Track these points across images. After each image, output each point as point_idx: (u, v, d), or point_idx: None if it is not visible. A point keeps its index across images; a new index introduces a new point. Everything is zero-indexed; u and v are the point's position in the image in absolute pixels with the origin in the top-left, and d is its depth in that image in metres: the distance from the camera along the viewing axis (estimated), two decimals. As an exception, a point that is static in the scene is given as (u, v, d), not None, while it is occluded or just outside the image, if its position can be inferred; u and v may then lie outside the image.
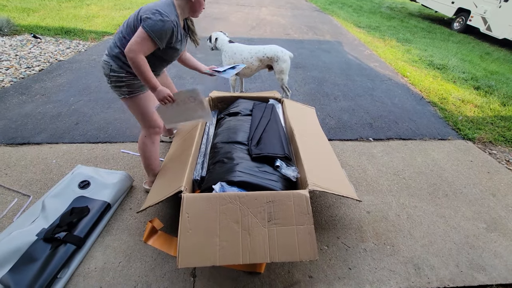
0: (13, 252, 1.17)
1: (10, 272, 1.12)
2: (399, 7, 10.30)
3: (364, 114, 2.70)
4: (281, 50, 2.45)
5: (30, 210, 1.43)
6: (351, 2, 10.28)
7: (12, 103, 2.45)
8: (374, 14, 8.38)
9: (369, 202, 1.68)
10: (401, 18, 8.03)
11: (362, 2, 10.52)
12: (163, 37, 1.28)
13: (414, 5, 10.72)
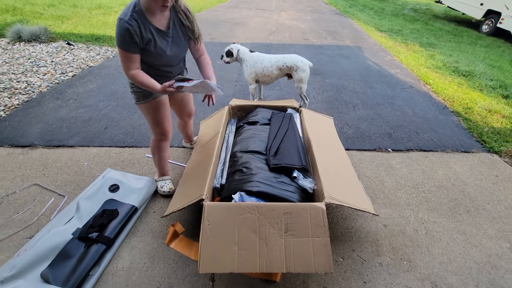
0: (52, 249, 1.30)
1: (49, 267, 1.24)
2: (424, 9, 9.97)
3: (383, 123, 2.67)
4: (301, 60, 2.48)
5: (65, 210, 1.56)
6: (372, 4, 10.08)
7: (49, 107, 2.66)
8: (396, 16, 8.18)
9: (386, 215, 1.68)
10: (425, 21, 7.78)
11: (384, 4, 10.29)
12: (125, 42, 1.21)
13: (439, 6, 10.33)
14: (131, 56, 1.27)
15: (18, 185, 1.79)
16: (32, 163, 1.98)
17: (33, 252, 1.26)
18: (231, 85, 3.32)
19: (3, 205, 1.65)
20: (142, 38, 1.25)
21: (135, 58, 1.29)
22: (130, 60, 1.27)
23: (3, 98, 2.76)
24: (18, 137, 2.23)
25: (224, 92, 3.14)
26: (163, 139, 1.64)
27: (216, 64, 3.88)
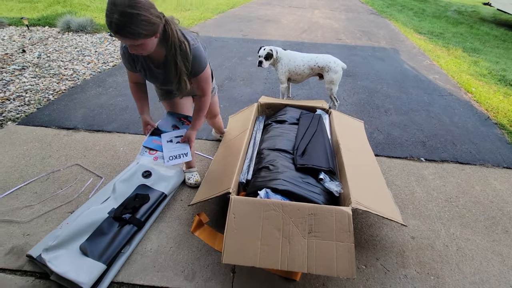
0: (90, 225, 1.41)
1: (87, 241, 1.35)
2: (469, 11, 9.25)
3: (417, 131, 2.55)
4: (333, 61, 2.43)
5: (103, 190, 1.68)
6: (412, 4, 9.55)
7: (91, 94, 2.86)
8: (438, 18, 7.68)
9: (414, 227, 1.61)
10: (470, 24, 7.23)
11: (425, 5, 9.70)
12: (123, 60, 1.33)
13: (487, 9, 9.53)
14: (128, 72, 1.38)
15: (62, 163, 1.96)
16: (74, 144, 2.15)
17: (73, 226, 1.38)
18: (260, 82, 3.34)
19: (49, 181, 1.81)
20: (135, 65, 1.30)
21: (130, 74, 1.39)
22: (128, 74, 1.39)
23: (53, 83, 3.02)
24: (64, 120, 2.43)
25: (253, 89, 3.17)
26: None
27: (247, 61, 3.93)
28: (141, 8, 0.98)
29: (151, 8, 1.03)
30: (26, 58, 3.54)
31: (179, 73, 1.22)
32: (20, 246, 1.41)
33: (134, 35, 1.01)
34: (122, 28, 0.98)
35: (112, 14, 0.96)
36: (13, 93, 2.79)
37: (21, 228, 1.50)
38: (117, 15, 0.96)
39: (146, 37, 1.04)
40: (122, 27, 0.98)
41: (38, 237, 1.45)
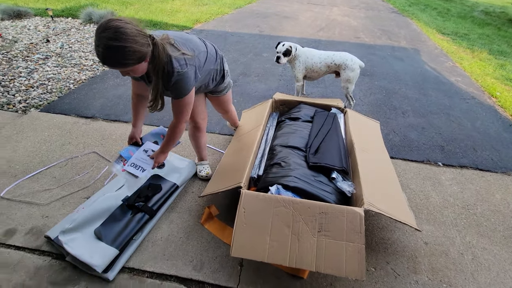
0: (104, 211, 1.45)
1: (101, 226, 1.40)
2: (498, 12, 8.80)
3: (436, 134, 2.46)
4: (350, 58, 2.38)
5: (117, 178, 1.72)
6: (436, 3, 9.18)
7: (109, 85, 2.93)
8: (463, 19, 7.36)
9: (428, 232, 1.57)
10: (498, 25, 6.88)
11: (450, 4, 9.30)
12: None
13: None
14: (132, 81, 1.40)
15: (80, 150, 2.03)
16: (92, 133, 2.21)
17: (89, 211, 1.43)
18: (275, 79, 3.32)
19: (67, 167, 1.88)
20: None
21: (134, 83, 1.41)
22: (132, 83, 1.42)
23: (74, 72, 3.11)
24: (83, 109, 2.50)
25: (267, 85, 3.16)
26: (196, 129, 1.70)
27: (263, 57, 3.91)
28: (125, 40, 0.97)
29: (137, 37, 1.00)
30: (49, 48, 3.67)
31: (156, 92, 1.20)
32: (39, 227, 1.48)
33: (121, 65, 1.02)
34: (107, 60, 1.00)
35: (98, 47, 0.97)
36: (36, 81, 2.90)
37: (40, 210, 1.57)
38: (101, 48, 0.96)
39: (133, 65, 1.04)
40: (107, 59, 0.99)
41: (55, 220, 1.51)
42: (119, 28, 0.96)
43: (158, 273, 1.31)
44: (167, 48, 1.14)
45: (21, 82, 2.86)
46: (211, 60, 1.43)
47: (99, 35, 0.97)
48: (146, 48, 1.05)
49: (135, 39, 1.00)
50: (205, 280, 1.29)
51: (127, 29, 0.98)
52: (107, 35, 0.95)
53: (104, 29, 0.96)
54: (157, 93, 1.21)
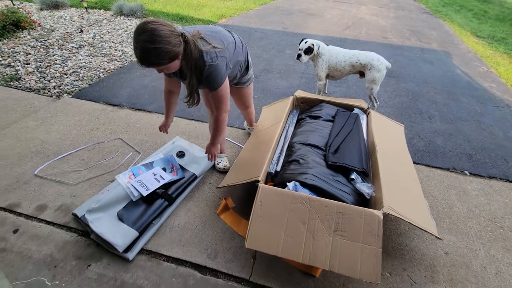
0: (127, 195, 1.52)
1: (124, 209, 1.47)
2: (544, 15, 8.13)
3: (464, 142, 2.34)
4: (377, 59, 2.31)
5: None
6: (472, 4, 8.65)
7: (136, 75, 3.04)
8: (502, 21, 6.88)
9: (449, 242, 1.51)
10: (542, 30, 6.36)
11: (488, 6, 8.73)
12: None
13: None
14: (164, 77, 1.45)
15: (106, 136, 2.13)
16: (119, 120, 2.31)
17: (113, 193, 1.50)
18: (297, 76, 3.29)
19: (95, 150, 1.98)
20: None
21: (166, 80, 1.46)
22: (165, 80, 1.46)
23: (104, 62, 3.26)
24: (111, 97, 2.62)
25: (289, 82, 3.14)
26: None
27: (285, 54, 3.88)
28: (160, 41, 1.04)
29: (170, 37, 1.07)
30: (83, 38, 3.85)
31: (192, 87, 1.29)
32: (67, 205, 1.58)
33: (156, 64, 1.11)
34: (144, 60, 1.08)
35: (136, 49, 1.06)
36: (70, 69, 3.06)
37: (69, 189, 1.67)
38: (139, 50, 1.05)
39: (167, 63, 1.12)
40: (144, 60, 1.08)
41: (82, 199, 1.61)
42: (154, 30, 1.04)
43: (174, 258, 1.36)
44: (198, 43, 1.20)
45: (56, 69, 3.03)
46: (238, 51, 1.46)
47: (137, 38, 1.05)
48: (178, 47, 1.11)
49: (168, 40, 1.06)
50: (219, 268, 1.32)
51: (161, 31, 1.05)
52: (144, 38, 1.03)
53: (141, 32, 1.04)
54: (192, 88, 1.29)
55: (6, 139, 2.03)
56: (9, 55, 3.22)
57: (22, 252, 1.34)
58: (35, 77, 2.87)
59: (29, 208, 1.55)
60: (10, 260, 1.31)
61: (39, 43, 3.58)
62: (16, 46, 3.44)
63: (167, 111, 1.62)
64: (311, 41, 2.37)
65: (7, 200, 1.58)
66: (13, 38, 3.61)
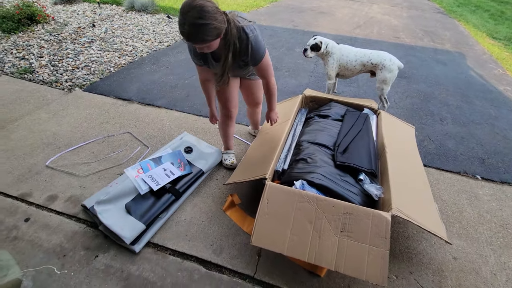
0: (135, 188, 1.54)
1: (132, 201, 1.49)
2: None
3: (477, 145, 2.29)
4: (389, 59, 2.27)
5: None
6: (489, 5, 8.40)
7: (146, 70, 3.07)
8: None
9: (458, 247, 1.47)
10: None
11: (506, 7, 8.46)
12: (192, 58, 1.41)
13: None
14: (198, 69, 1.47)
15: (116, 130, 2.15)
16: (128, 114, 2.34)
17: (121, 186, 1.52)
18: (306, 75, 3.27)
19: (104, 144, 2.01)
20: (201, 59, 1.38)
21: (200, 70, 1.47)
22: (198, 70, 1.48)
23: (115, 57, 3.30)
24: (121, 91, 2.65)
25: (298, 81, 3.12)
26: (227, 118, 1.73)
27: (295, 52, 3.85)
28: (208, 17, 1.07)
29: (216, 14, 1.10)
30: (95, 32, 3.91)
31: (225, 68, 1.32)
32: (77, 196, 1.61)
33: (202, 41, 1.12)
34: (192, 36, 1.10)
35: (184, 25, 1.07)
36: (82, 63, 3.11)
37: (79, 181, 1.70)
38: (187, 25, 1.06)
39: (212, 40, 1.15)
40: (192, 36, 1.09)
41: (91, 191, 1.63)
42: (203, 7, 1.06)
43: (179, 252, 1.37)
44: (237, 20, 1.24)
45: (69, 63, 3.08)
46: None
47: (185, 14, 1.06)
48: (223, 24, 1.15)
49: (215, 16, 1.09)
50: (223, 264, 1.33)
51: (209, 7, 1.07)
52: (193, 15, 1.05)
53: (190, 8, 1.05)
54: (225, 68, 1.33)
55: (20, 130, 2.07)
56: (24, 48, 3.29)
57: (33, 241, 1.37)
58: (48, 70, 2.92)
59: (40, 198, 1.59)
60: (21, 247, 1.34)
61: (52, 36, 3.64)
62: (31, 39, 3.51)
63: (209, 100, 1.63)
64: (320, 38, 2.35)
65: (19, 190, 1.62)
66: (27, 32, 3.68)
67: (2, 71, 2.83)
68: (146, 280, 1.25)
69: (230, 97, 1.64)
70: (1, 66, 2.91)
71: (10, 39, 3.45)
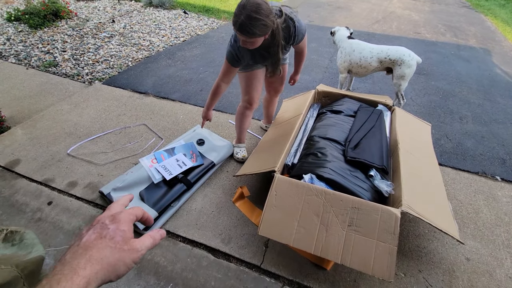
0: (149, 177, 1.60)
1: (145, 189, 1.55)
2: None
3: (498, 145, 2.19)
4: (408, 54, 2.20)
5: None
6: (522, -2, 7.88)
7: (162, 65, 3.15)
8: (555, 17, 6.22)
9: (472, 248, 1.43)
10: None
11: (541, 0, 7.90)
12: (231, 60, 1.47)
13: None
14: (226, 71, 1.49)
15: (132, 122, 2.24)
16: (144, 107, 2.42)
17: (136, 175, 1.59)
18: (320, 71, 3.23)
19: (121, 134, 2.10)
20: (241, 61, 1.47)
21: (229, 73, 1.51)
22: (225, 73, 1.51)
23: (132, 51, 3.40)
24: (138, 85, 2.74)
25: (311, 77, 3.09)
26: (248, 107, 1.75)
27: (310, 47, 3.81)
28: (263, 14, 1.20)
29: (270, 15, 1.24)
30: (114, 28, 4.03)
31: (278, 59, 1.47)
32: (95, 183, 1.69)
33: (251, 34, 1.23)
34: (244, 27, 1.21)
35: (240, 15, 1.19)
36: (101, 57, 3.23)
37: (97, 169, 1.79)
38: (243, 16, 1.19)
39: (259, 36, 1.26)
40: (244, 27, 1.21)
41: (108, 178, 1.71)
42: (260, 4, 1.20)
43: (189, 239, 1.42)
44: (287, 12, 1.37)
45: (89, 57, 3.21)
46: None
47: (244, 6, 1.19)
48: (272, 25, 1.27)
49: (268, 15, 1.23)
50: (231, 253, 1.36)
51: (264, 6, 1.21)
52: (250, 8, 1.18)
53: (249, 2, 1.19)
54: (279, 59, 1.47)
55: (44, 120, 2.20)
56: (49, 42, 3.46)
57: (55, 223, 1.47)
58: (70, 64, 3.06)
59: (62, 183, 1.68)
60: (44, 228, 1.44)
61: (75, 32, 3.80)
62: (55, 34, 3.68)
63: (211, 103, 1.65)
64: (337, 28, 2.42)
65: (43, 175, 1.73)
66: (52, 27, 3.86)
67: (29, 64, 3.00)
68: (157, 264, 1.30)
69: (257, 86, 1.68)
70: (29, 59, 3.08)
71: (36, 34, 3.63)
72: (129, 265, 0.35)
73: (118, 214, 0.39)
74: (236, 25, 1.22)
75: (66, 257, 0.32)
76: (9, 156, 1.85)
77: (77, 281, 0.30)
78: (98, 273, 0.32)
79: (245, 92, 1.70)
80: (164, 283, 1.24)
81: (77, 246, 0.34)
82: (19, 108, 2.33)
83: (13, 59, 3.07)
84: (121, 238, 0.36)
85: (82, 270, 0.31)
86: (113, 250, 0.34)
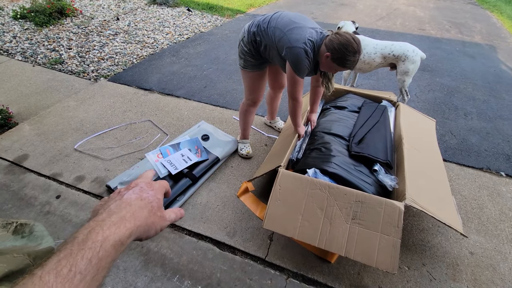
0: (155, 171, 1.62)
1: (151, 184, 1.57)
2: None
3: (503, 141, 2.18)
4: (412, 49, 2.20)
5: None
6: (529, -6, 7.76)
7: (166, 62, 3.17)
8: None
9: (476, 242, 1.44)
10: None
11: (548, -4, 7.78)
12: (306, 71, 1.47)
13: None
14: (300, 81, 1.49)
15: (137, 118, 2.26)
16: (149, 103, 2.44)
17: (142, 169, 1.61)
18: (323, 68, 3.22)
19: (127, 130, 2.12)
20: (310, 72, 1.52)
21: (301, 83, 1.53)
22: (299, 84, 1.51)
23: (137, 49, 3.42)
24: (143, 81, 2.76)
25: (315, 73, 3.08)
26: (252, 105, 1.76)
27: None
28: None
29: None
30: (119, 25, 4.06)
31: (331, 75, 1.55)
32: (101, 178, 1.72)
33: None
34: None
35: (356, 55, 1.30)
36: (106, 54, 3.26)
37: (103, 164, 1.82)
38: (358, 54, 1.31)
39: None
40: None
41: (115, 173, 1.74)
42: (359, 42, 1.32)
43: (195, 232, 1.44)
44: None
45: (95, 54, 3.24)
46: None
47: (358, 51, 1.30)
48: None
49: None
50: (236, 246, 1.38)
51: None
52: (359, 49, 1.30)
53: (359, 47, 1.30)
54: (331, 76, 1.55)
55: (51, 116, 2.23)
56: (54, 40, 3.49)
57: (64, 216, 1.50)
58: (76, 61, 3.09)
59: (70, 178, 1.71)
60: (53, 221, 1.47)
61: (80, 29, 3.83)
62: (60, 32, 3.72)
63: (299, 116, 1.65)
64: (343, 22, 2.39)
65: (51, 170, 1.76)
66: (58, 25, 3.90)
67: (36, 62, 3.04)
68: (163, 256, 1.33)
69: (262, 85, 1.69)
70: (35, 57, 3.11)
71: (42, 32, 3.67)
72: (157, 230, 0.38)
73: (154, 183, 0.42)
74: (355, 63, 1.33)
75: (111, 207, 0.35)
76: (18, 151, 1.89)
77: (123, 230, 0.33)
78: (138, 229, 0.35)
79: (251, 91, 1.70)
80: (171, 274, 1.27)
81: (120, 201, 0.36)
82: (26, 104, 2.37)
83: (20, 56, 3.11)
84: (157, 205, 0.39)
85: (127, 222, 0.34)
86: (150, 212, 0.37)
